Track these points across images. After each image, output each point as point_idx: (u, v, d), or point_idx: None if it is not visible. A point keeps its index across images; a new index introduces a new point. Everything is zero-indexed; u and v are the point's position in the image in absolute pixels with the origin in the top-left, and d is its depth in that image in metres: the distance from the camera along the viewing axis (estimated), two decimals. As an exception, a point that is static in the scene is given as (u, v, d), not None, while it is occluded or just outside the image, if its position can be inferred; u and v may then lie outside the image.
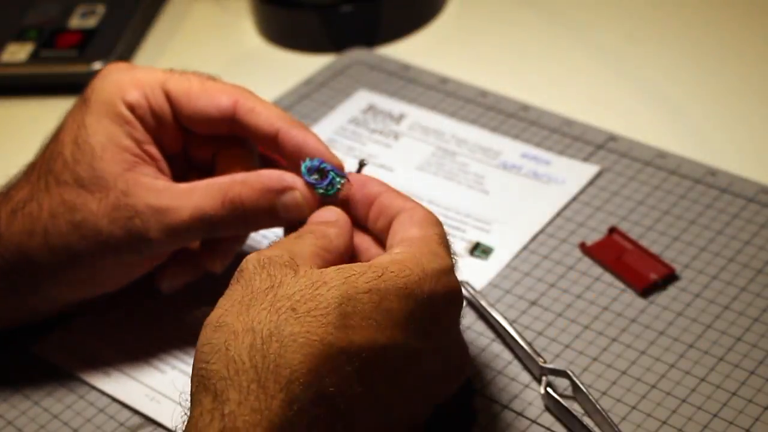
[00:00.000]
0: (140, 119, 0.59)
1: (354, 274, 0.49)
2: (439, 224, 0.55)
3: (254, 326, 0.47)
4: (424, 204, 0.68)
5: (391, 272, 0.50)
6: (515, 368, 0.58)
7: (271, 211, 0.58)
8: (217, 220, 0.58)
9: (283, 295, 0.48)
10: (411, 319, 0.50)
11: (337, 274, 0.49)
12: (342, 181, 0.57)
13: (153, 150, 0.60)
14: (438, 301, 0.51)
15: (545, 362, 0.57)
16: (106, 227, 0.57)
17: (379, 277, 0.49)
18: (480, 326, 0.60)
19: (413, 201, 0.56)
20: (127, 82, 0.59)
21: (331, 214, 0.56)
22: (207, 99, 0.59)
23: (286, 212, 0.58)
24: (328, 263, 0.52)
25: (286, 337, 0.47)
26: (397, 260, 0.50)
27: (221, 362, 0.46)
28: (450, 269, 0.52)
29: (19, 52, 0.86)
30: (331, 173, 0.57)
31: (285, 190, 0.57)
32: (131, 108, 0.59)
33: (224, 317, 0.48)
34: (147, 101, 0.59)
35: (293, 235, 0.54)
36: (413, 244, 0.52)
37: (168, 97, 0.60)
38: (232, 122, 0.59)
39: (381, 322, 0.48)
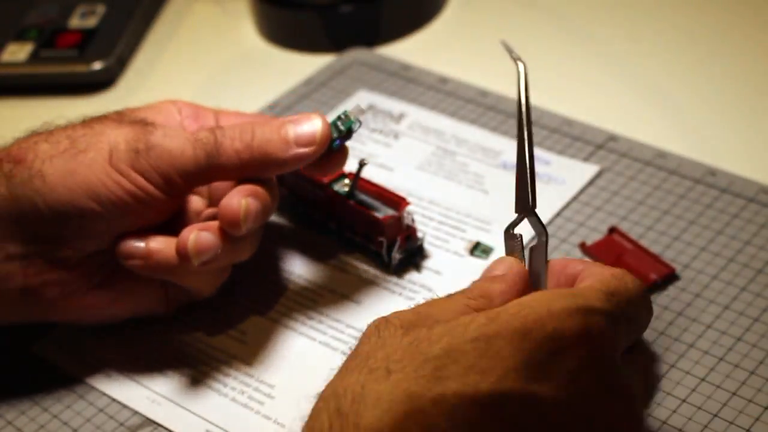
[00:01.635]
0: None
1: (462, 325, 0.45)
2: (622, 282, 0.49)
3: (344, 389, 0.44)
4: (424, 204, 0.68)
5: (509, 313, 0.44)
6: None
7: (281, 130, 0.57)
8: (225, 139, 0.57)
9: (382, 356, 0.44)
10: (527, 361, 0.43)
11: (443, 328, 0.45)
12: (355, 125, 0.58)
13: None
14: (565, 341, 0.44)
15: None
16: (115, 118, 0.59)
17: (492, 321, 0.44)
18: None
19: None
20: None
21: (503, 266, 0.51)
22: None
23: (297, 133, 0.57)
24: None
25: (369, 396, 0.43)
26: (519, 301, 0.45)
27: (307, 429, 0.44)
28: (590, 309, 0.45)
29: (19, 52, 0.86)
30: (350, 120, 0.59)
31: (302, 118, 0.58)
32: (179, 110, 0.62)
33: (326, 385, 0.46)
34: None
35: (445, 295, 0.49)
36: (554, 291, 0.47)
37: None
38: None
39: (486, 367, 0.43)
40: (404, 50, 0.84)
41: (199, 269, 0.57)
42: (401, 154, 0.73)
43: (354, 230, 0.65)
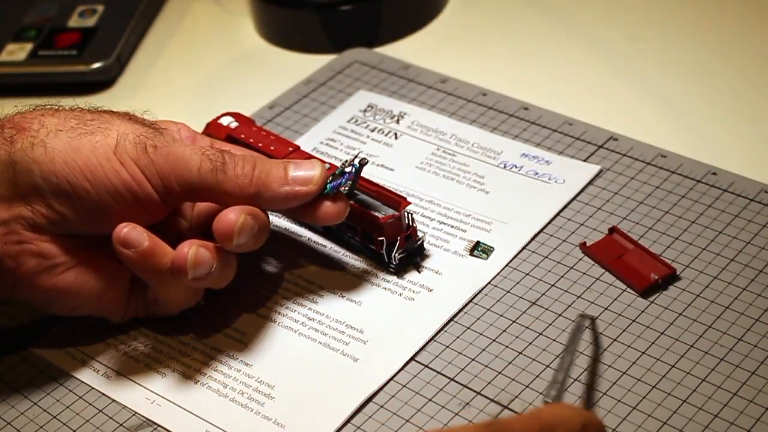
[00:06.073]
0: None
1: None
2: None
3: None
4: (424, 204, 0.68)
5: None
6: (515, 369, 0.58)
7: (282, 166, 0.59)
8: (230, 162, 0.59)
9: None
10: None
11: None
12: (348, 183, 0.61)
13: None
14: None
15: None
16: (125, 115, 0.60)
17: None
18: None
19: None
20: None
21: None
22: None
23: (295, 171, 0.59)
24: None
25: None
26: None
27: None
28: None
29: (17, 52, 0.86)
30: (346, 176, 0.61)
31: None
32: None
33: None
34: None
35: None
36: None
37: None
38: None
39: None
40: (404, 50, 0.84)
41: (190, 283, 0.58)
42: (401, 154, 0.73)
43: (354, 230, 0.64)
